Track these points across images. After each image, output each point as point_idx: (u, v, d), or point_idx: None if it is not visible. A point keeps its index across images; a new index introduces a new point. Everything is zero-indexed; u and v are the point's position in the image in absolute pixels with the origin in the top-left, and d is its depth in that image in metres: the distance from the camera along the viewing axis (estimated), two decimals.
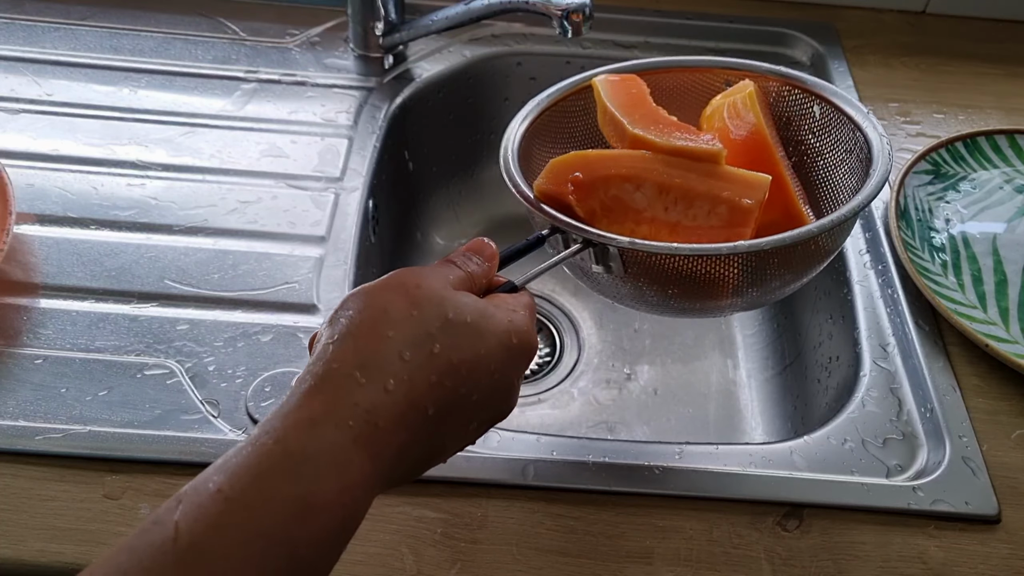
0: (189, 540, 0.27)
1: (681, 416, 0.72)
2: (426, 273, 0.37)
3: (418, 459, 0.35)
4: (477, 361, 0.35)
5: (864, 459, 0.51)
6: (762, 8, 0.84)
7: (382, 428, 0.31)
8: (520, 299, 0.40)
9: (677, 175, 0.45)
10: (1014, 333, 0.57)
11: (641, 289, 0.45)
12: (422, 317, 0.34)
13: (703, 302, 0.46)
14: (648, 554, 0.46)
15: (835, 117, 0.52)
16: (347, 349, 0.33)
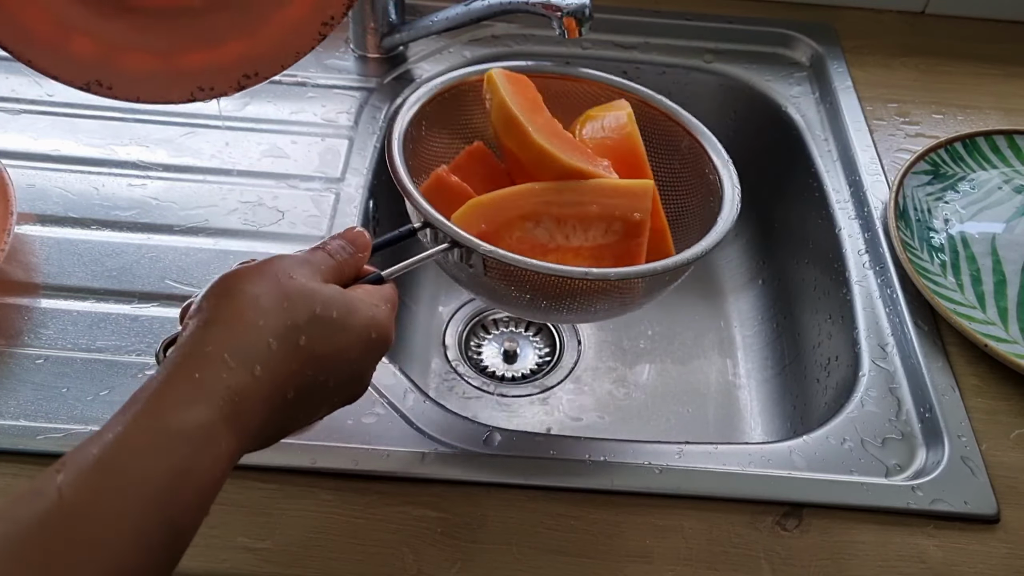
0: (72, 506, 0.29)
1: (681, 416, 0.72)
2: (298, 263, 0.39)
3: (272, 433, 0.38)
4: (337, 353, 0.38)
5: (863, 459, 0.51)
6: (761, 9, 0.84)
7: (247, 409, 0.34)
8: (383, 292, 0.42)
9: (569, 204, 0.49)
10: (1013, 333, 0.57)
11: (497, 290, 0.49)
12: (292, 308, 0.37)
13: (552, 309, 0.49)
14: (648, 553, 0.47)
15: (699, 157, 0.55)
16: (219, 333, 0.35)
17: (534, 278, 0.46)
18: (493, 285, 0.48)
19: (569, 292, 0.47)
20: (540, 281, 0.47)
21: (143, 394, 0.33)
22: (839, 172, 0.71)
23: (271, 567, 0.45)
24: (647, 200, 0.49)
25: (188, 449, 0.32)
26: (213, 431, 0.33)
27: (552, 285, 0.47)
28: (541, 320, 0.53)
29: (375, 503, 0.48)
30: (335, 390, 0.39)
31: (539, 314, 0.50)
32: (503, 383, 0.75)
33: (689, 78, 0.81)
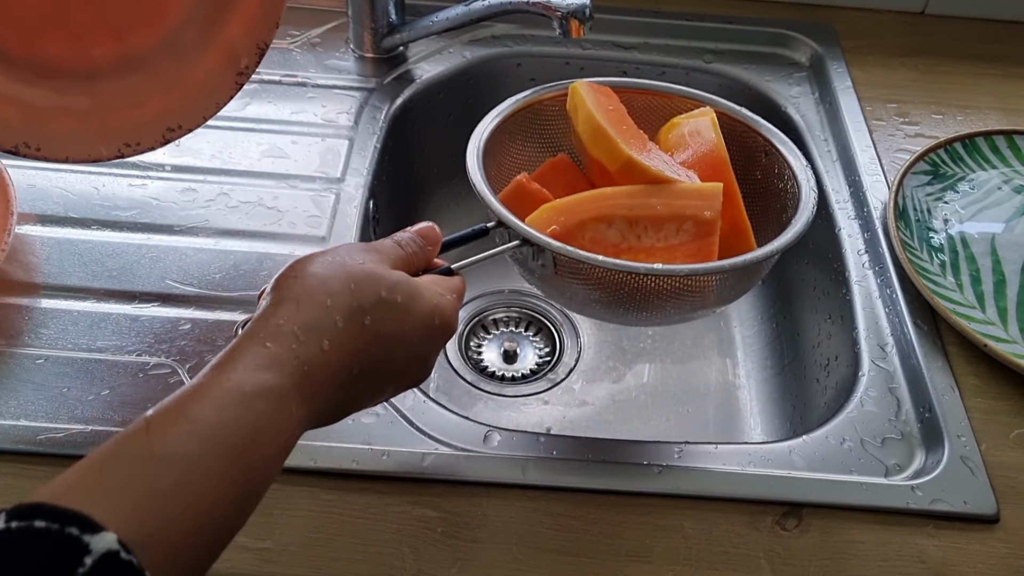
0: (163, 449, 0.32)
1: (680, 416, 0.73)
2: (366, 249, 0.42)
3: (339, 408, 0.40)
4: (401, 335, 0.40)
5: (863, 459, 0.51)
6: (761, 9, 0.85)
7: (316, 379, 0.36)
8: (451, 283, 0.44)
9: (640, 206, 0.50)
10: (1012, 333, 0.57)
11: (567, 289, 0.50)
12: (359, 291, 0.39)
13: (623, 310, 0.50)
14: (647, 553, 0.47)
15: (778, 164, 0.56)
16: (291, 310, 0.37)
17: (602, 275, 0.47)
18: (564, 283, 0.49)
19: (638, 290, 0.48)
20: (609, 278, 0.47)
21: (221, 364, 0.35)
22: (839, 172, 0.71)
23: (271, 567, 0.45)
24: (716, 200, 0.49)
25: (264, 407, 0.34)
26: (284, 395, 0.35)
27: (621, 283, 0.47)
28: (613, 322, 0.54)
29: (375, 503, 0.48)
30: (398, 372, 0.41)
31: (610, 314, 0.51)
32: (503, 383, 0.75)
33: (689, 78, 0.81)
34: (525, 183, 0.53)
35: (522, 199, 0.53)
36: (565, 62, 0.81)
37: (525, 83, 0.82)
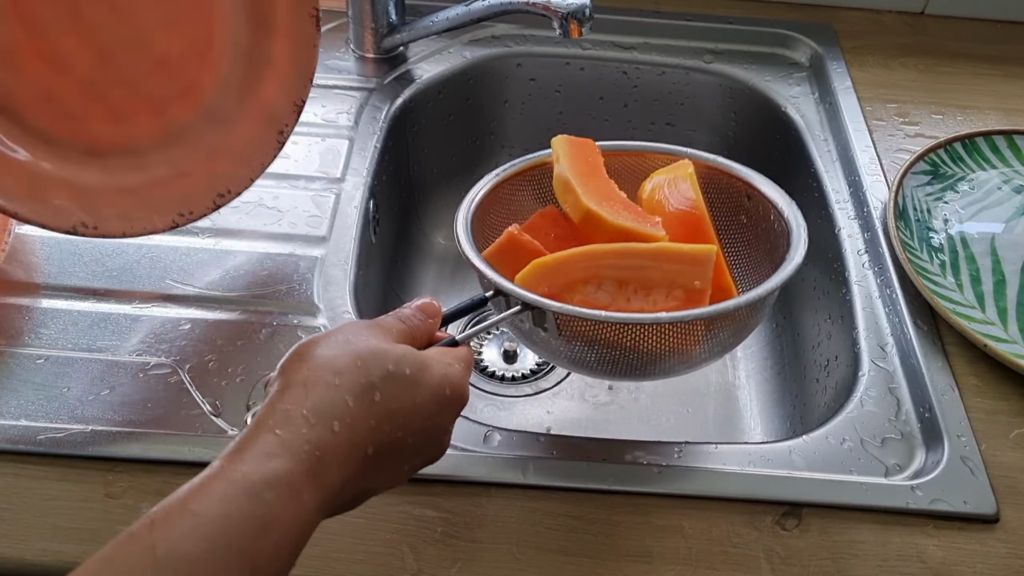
0: (165, 550, 0.31)
1: (680, 415, 0.73)
2: (367, 326, 0.41)
3: (357, 492, 0.39)
4: (413, 409, 0.39)
5: (863, 458, 0.51)
6: (761, 9, 0.85)
7: (328, 463, 0.36)
8: (457, 352, 0.43)
9: (630, 267, 0.49)
10: (1012, 333, 0.57)
11: (573, 351, 0.49)
12: (365, 367, 0.38)
13: (629, 366, 0.49)
14: (647, 553, 0.47)
15: (763, 204, 0.56)
16: (299, 393, 0.37)
17: (606, 333, 0.47)
18: (564, 345, 0.49)
19: (642, 345, 0.47)
20: (612, 335, 0.47)
21: (230, 454, 0.35)
22: (839, 172, 0.71)
23: None
24: (708, 268, 0.49)
25: (272, 497, 0.33)
26: (295, 483, 0.34)
27: (623, 339, 0.47)
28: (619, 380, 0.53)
29: (375, 503, 0.48)
30: (414, 449, 0.40)
31: (615, 372, 0.50)
32: (503, 383, 0.75)
33: (689, 78, 0.81)
34: (516, 235, 0.52)
35: (514, 251, 0.52)
36: (565, 62, 0.81)
37: (525, 83, 0.82)
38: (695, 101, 0.82)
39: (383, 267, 0.72)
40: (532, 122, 0.85)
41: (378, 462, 0.38)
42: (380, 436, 0.38)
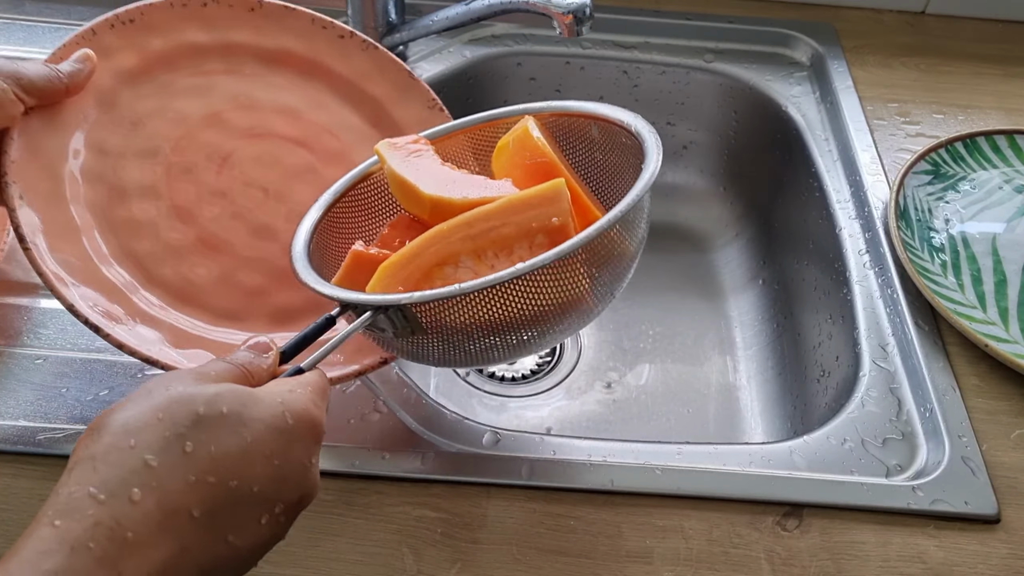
0: None
1: (681, 416, 0.72)
2: (180, 375, 0.35)
3: (205, 566, 0.32)
4: (244, 451, 0.33)
5: (864, 459, 0.51)
6: (762, 8, 0.84)
7: (134, 541, 0.30)
8: (301, 378, 0.38)
9: (482, 232, 0.44)
10: (1013, 333, 0.57)
11: (453, 343, 0.43)
12: (168, 418, 0.32)
13: (520, 339, 0.43)
14: (648, 554, 0.47)
15: (610, 130, 0.51)
16: (87, 471, 0.30)
17: (477, 308, 0.41)
18: (443, 340, 0.43)
19: (519, 311, 0.42)
20: (484, 308, 0.41)
21: (4, 563, 0.29)
22: (839, 172, 0.71)
23: (271, 567, 0.45)
24: (561, 202, 0.44)
25: None
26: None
27: (498, 308, 0.41)
28: (520, 356, 0.47)
29: (375, 503, 0.48)
30: (264, 496, 0.33)
31: (509, 350, 0.44)
32: (503, 383, 0.74)
33: (689, 78, 0.81)
34: (363, 252, 0.48)
35: (365, 269, 0.47)
36: (565, 62, 0.81)
37: (525, 83, 0.82)
38: (695, 101, 0.82)
39: None
40: None
41: (216, 524, 0.32)
42: (205, 492, 0.31)
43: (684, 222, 0.86)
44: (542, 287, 0.41)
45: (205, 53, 0.56)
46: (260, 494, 0.33)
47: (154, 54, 0.54)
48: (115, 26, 0.53)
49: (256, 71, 0.58)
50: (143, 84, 0.54)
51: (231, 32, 0.57)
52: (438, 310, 0.41)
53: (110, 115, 0.52)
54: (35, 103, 0.48)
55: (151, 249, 0.50)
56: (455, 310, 0.41)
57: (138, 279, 0.49)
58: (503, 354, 0.44)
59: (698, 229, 0.86)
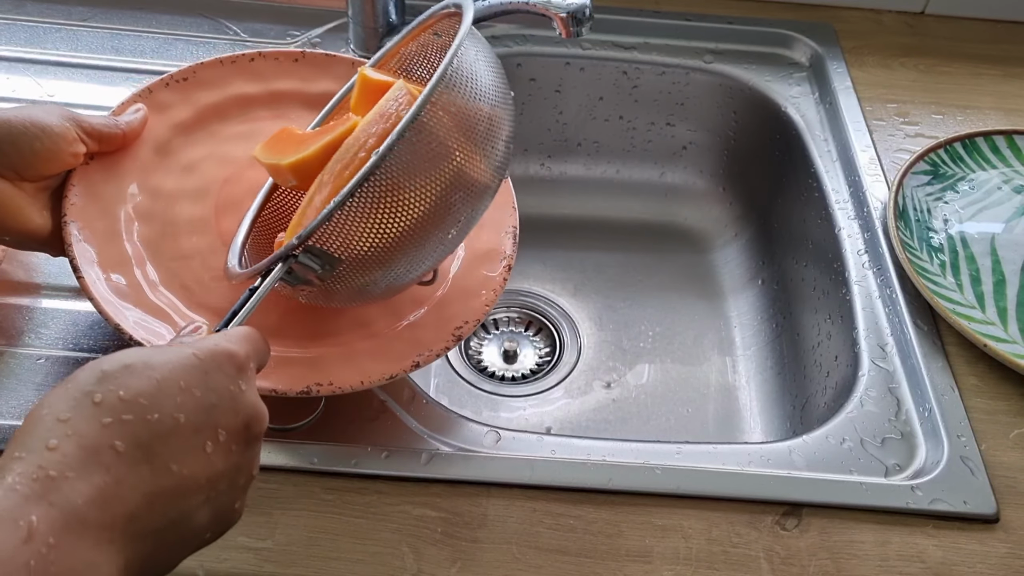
0: None
1: (680, 416, 0.73)
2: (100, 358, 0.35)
3: (151, 493, 0.32)
4: (157, 387, 0.33)
5: (863, 458, 0.51)
6: (761, 9, 0.85)
7: (58, 477, 0.30)
8: (205, 330, 0.40)
9: (353, 157, 0.46)
10: (1012, 333, 0.57)
11: (368, 261, 0.43)
12: (73, 381, 0.33)
13: (418, 235, 0.44)
14: (647, 553, 0.47)
15: (447, 25, 0.53)
16: (8, 448, 0.32)
17: (364, 212, 0.42)
18: (362, 265, 0.43)
19: (401, 198, 0.42)
20: (370, 209, 0.41)
21: None
22: (839, 172, 0.71)
23: (271, 567, 0.45)
24: (404, 92, 0.47)
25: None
26: (16, 512, 0.29)
27: (382, 204, 0.42)
28: (435, 256, 0.47)
29: (375, 503, 0.48)
30: (198, 424, 0.34)
31: (421, 248, 0.44)
32: (503, 383, 0.75)
33: (689, 78, 0.81)
34: (283, 241, 0.49)
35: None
36: (565, 62, 0.81)
37: (525, 83, 0.82)
38: (695, 101, 0.82)
39: None
40: (532, 122, 0.85)
41: (150, 455, 0.32)
42: (124, 428, 0.32)
43: (684, 222, 0.86)
44: (411, 164, 0.41)
45: (253, 102, 0.60)
46: (190, 423, 0.33)
47: (206, 107, 0.58)
48: (169, 84, 0.58)
49: (300, 114, 0.60)
50: (196, 133, 0.58)
51: (277, 82, 0.61)
52: (336, 233, 0.42)
53: (165, 161, 0.56)
54: (96, 147, 0.52)
55: (198, 276, 0.52)
56: (348, 224, 0.42)
57: (183, 301, 0.51)
58: (425, 252, 0.45)
59: (697, 229, 0.86)
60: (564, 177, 0.88)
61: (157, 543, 0.33)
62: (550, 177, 0.88)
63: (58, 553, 0.29)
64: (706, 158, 0.86)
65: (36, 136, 0.48)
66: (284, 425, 0.50)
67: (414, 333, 0.51)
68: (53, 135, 0.48)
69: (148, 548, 0.32)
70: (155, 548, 0.33)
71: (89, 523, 0.30)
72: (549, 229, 0.86)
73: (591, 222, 0.87)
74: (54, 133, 0.48)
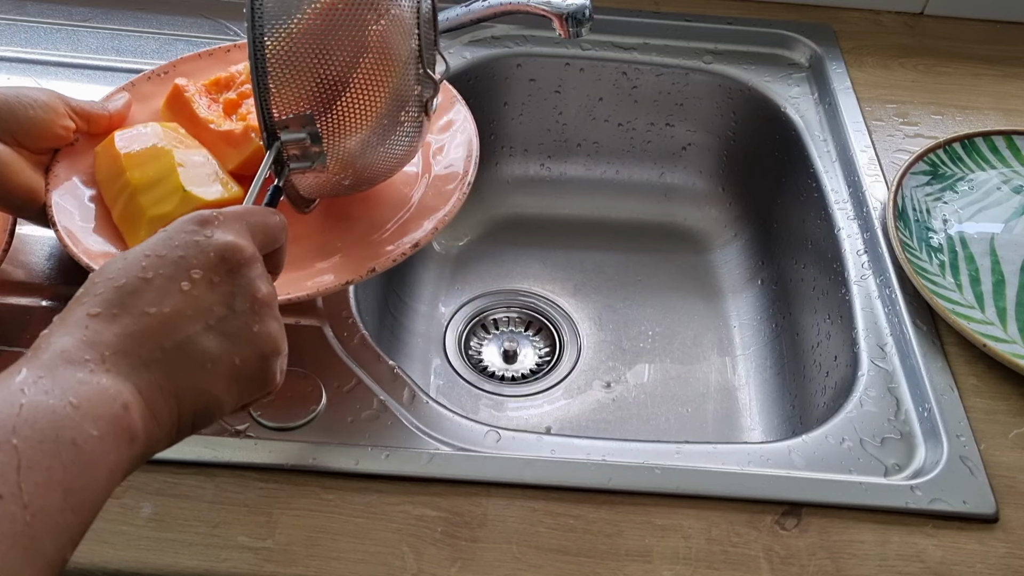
0: None
1: (680, 415, 0.73)
2: None
3: (138, 332, 0.34)
4: (123, 262, 0.35)
5: (862, 458, 0.51)
6: (761, 10, 0.85)
7: (40, 340, 0.33)
8: None
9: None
10: (1011, 333, 0.57)
11: (344, 125, 0.48)
12: (90, 279, 0.35)
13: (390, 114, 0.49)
14: (647, 553, 0.47)
15: None
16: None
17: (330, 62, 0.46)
18: (344, 135, 0.48)
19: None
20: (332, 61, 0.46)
21: None
22: (838, 172, 0.71)
23: (271, 567, 0.45)
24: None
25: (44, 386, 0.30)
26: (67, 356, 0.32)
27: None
28: (413, 132, 0.53)
29: (375, 502, 0.48)
30: (165, 278, 0.35)
31: (396, 120, 0.50)
32: (503, 383, 0.75)
33: (688, 79, 0.81)
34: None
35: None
36: (565, 63, 0.81)
37: (525, 84, 0.82)
38: (695, 101, 0.82)
39: None
40: (532, 123, 0.85)
41: (123, 310, 0.34)
42: (97, 298, 0.34)
43: (683, 222, 0.86)
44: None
45: (227, 84, 0.63)
46: (159, 276, 0.35)
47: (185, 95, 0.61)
48: (151, 78, 0.63)
49: None
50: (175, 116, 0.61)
51: None
52: (285, 94, 0.46)
53: None
54: (84, 126, 0.57)
55: None
56: (289, 84, 0.46)
57: None
58: (402, 130, 0.50)
59: (697, 230, 0.86)
60: (564, 177, 0.88)
61: (169, 369, 0.34)
62: (550, 177, 0.88)
63: (50, 381, 0.31)
64: (705, 158, 0.86)
65: (29, 105, 0.53)
66: (284, 424, 0.50)
67: (374, 248, 0.54)
68: (45, 106, 0.54)
69: (160, 374, 0.34)
70: (170, 372, 0.34)
71: (75, 359, 0.32)
72: (549, 229, 0.86)
73: (591, 222, 0.87)
74: (46, 105, 0.54)
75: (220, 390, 0.35)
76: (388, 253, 0.53)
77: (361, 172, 0.52)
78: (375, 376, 0.54)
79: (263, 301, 0.37)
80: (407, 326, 0.75)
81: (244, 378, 0.36)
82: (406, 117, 0.51)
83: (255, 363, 0.36)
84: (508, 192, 0.87)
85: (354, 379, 0.53)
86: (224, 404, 0.36)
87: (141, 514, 0.47)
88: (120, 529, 0.46)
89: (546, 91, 0.83)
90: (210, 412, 0.36)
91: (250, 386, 0.37)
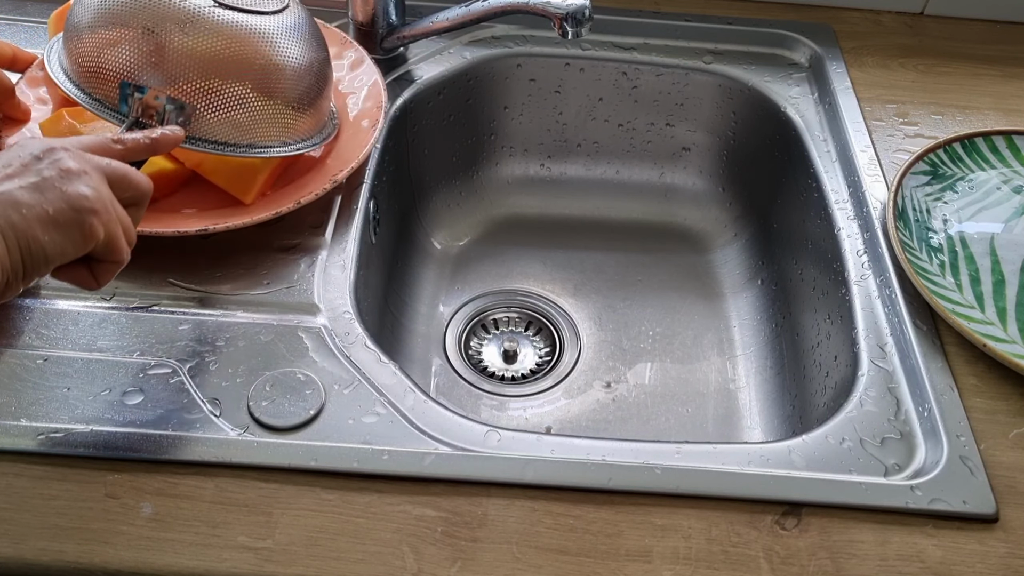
0: None
1: (680, 415, 0.73)
2: None
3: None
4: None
5: (862, 458, 0.51)
6: (760, 10, 0.85)
7: None
8: None
9: None
10: (1011, 333, 0.57)
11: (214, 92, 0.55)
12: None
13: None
14: (647, 553, 0.47)
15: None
16: None
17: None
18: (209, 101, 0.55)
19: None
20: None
21: None
22: (838, 172, 0.71)
23: (271, 567, 0.45)
24: None
25: None
26: None
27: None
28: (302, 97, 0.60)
29: (375, 503, 0.48)
30: (22, 150, 0.43)
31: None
32: (503, 383, 0.75)
33: (688, 79, 0.81)
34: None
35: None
36: (565, 62, 0.81)
37: (525, 84, 0.82)
38: (695, 101, 0.83)
39: (383, 267, 0.73)
40: (532, 123, 0.85)
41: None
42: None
43: (683, 223, 0.86)
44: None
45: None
46: None
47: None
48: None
49: None
50: None
51: None
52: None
53: None
54: None
55: None
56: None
57: None
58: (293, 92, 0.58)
59: (697, 230, 0.86)
60: (564, 177, 0.88)
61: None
62: (550, 177, 0.88)
63: None
64: (705, 158, 0.86)
65: None
66: (284, 424, 0.50)
67: (298, 191, 0.62)
68: None
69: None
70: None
71: None
72: (549, 229, 0.86)
73: (591, 222, 0.87)
74: None
75: (38, 232, 0.41)
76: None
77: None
78: (375, 376, 0.54)
79: (73, 171, 0.43)
80: (407, 326, 0.75)
81: (61, 226, 0.42)
82: None
83: (68, 215, 0.42)
84: (508, 192, 0.87)
85: (354, 379, 0.53)
86: (47, 248, 0.42)
87: (141, 514, 0.47)
88: (120, 529, 0.46)
89: (546, 91, 0.83)
90: (35, 256, 0.41)
91: (72, 235, 0.42)
